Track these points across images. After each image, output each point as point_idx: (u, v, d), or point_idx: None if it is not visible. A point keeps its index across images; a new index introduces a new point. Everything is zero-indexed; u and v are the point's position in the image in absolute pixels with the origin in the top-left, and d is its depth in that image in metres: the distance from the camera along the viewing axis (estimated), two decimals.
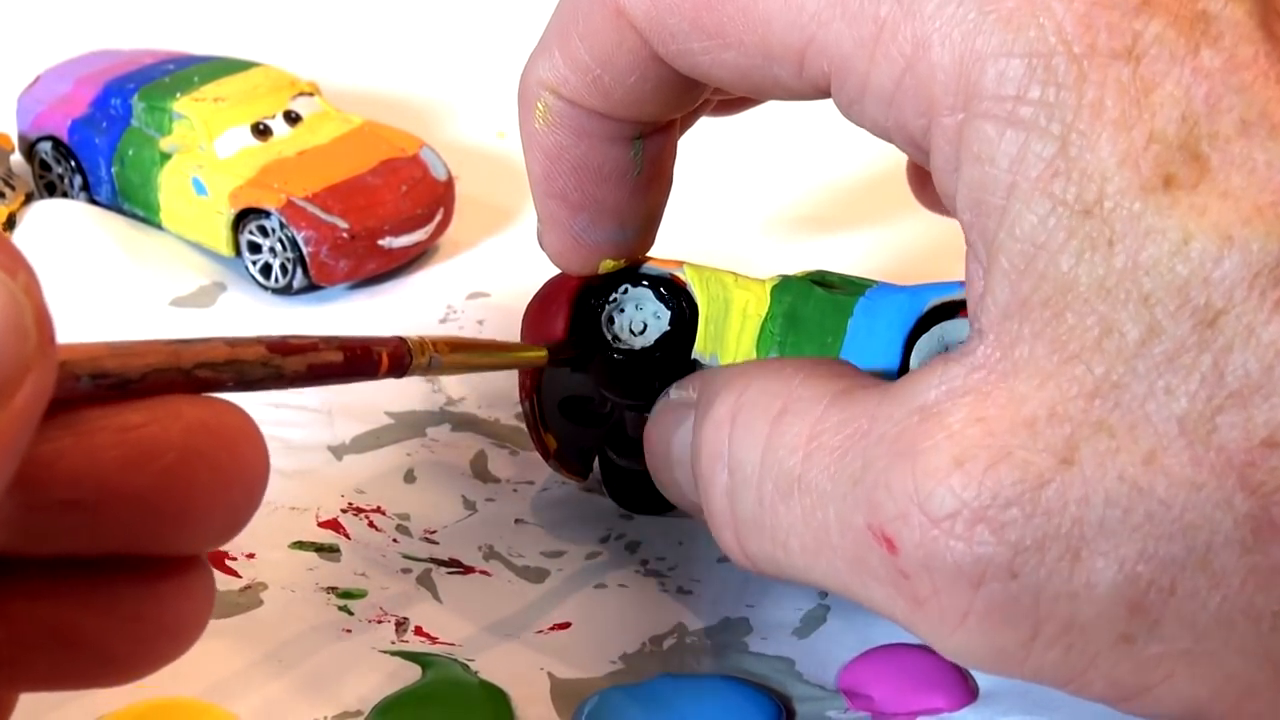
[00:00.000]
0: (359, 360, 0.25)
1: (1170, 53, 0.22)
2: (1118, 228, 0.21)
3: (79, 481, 0.20)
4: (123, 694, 0.30)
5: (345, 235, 0.43)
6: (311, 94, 0.48)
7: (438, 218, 0.46)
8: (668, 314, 0.33)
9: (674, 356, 0.32)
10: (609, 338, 0.33)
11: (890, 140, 0.25)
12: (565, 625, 0.33)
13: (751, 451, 0.26)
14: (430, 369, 0.27)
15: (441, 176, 0.46)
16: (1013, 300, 0.22)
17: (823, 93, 0.25)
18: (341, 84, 0.53)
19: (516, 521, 0.36)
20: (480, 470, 0.38)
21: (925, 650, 0.31)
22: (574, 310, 0.33)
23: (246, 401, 0.42)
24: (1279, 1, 0.22)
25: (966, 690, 0.30)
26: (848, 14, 0.24)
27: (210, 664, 0.31)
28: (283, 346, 0.23)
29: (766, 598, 0.33)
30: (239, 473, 0.22)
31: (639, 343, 0.33)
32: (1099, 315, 0.22)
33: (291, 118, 0.47)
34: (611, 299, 0.33)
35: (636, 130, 0.30)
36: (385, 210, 0.44)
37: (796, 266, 0.34)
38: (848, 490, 0.24)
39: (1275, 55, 0.22)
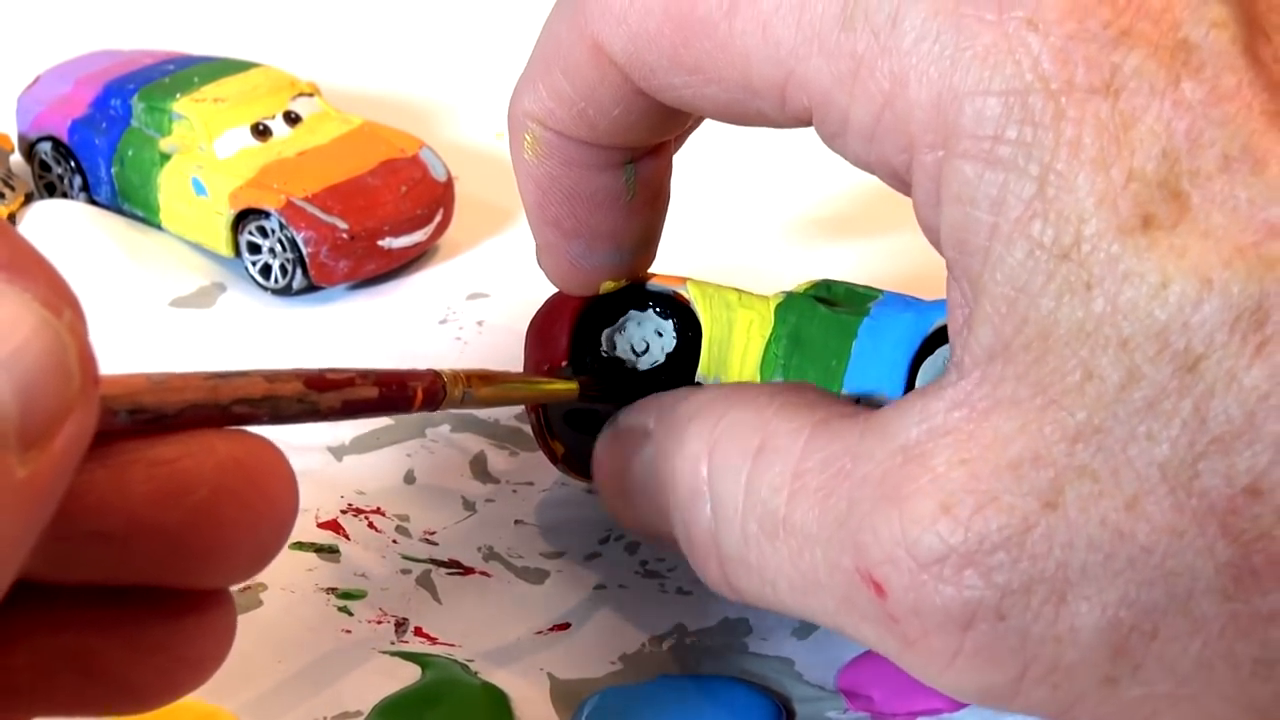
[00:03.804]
0: (394, 396, 0.25)
1: (1150, 85, 0.21)
2: (1095, 271, 0.21)
3: (109, 514, 0.20)
4: None
5: (345, 236, 0.43)
6: (311, 94, 0.48)
7: (437, 218, 0.46)
8: (671, 331, 0.33)
9: (679, 377, 0.32)
10: (611, 356, 0.33)
11: (874, 173, 0.25)
12: (565, 626, 0.33)
13: (733, 489, 0.25)
14: (464, 403, 0.27)
15: (441, 177, 0.46)
16: (996, 341, 0.22)
17: (806, 124, 0.25)
18: (341, 84, 0.53)
19: (516, 522, 0.36)
20: (480, 471, 0.38)
21: None
22: (576, 330, 0.33)
23: None
24: (1266, 21, 0.22)
25: None
26: (825, 50, 0.23)
27: None
28: (320, 382, 0.23)
29: None
30: (269, 510, 0.22)
31: (643, 362, 0.33)
32: (1079, 359, 0.21)
33: (291, 118, 0.47)
34: (615, 323, 0.33)
35: (627, 155, 0.30)
36: (385, 211, 0.44)
37: (802, 272, 0.34)
38: (834, 532, 0.24)
39: (1260, 84, 0.21)
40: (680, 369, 0.32)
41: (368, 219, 0.44)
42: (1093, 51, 0.21)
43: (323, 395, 0.23)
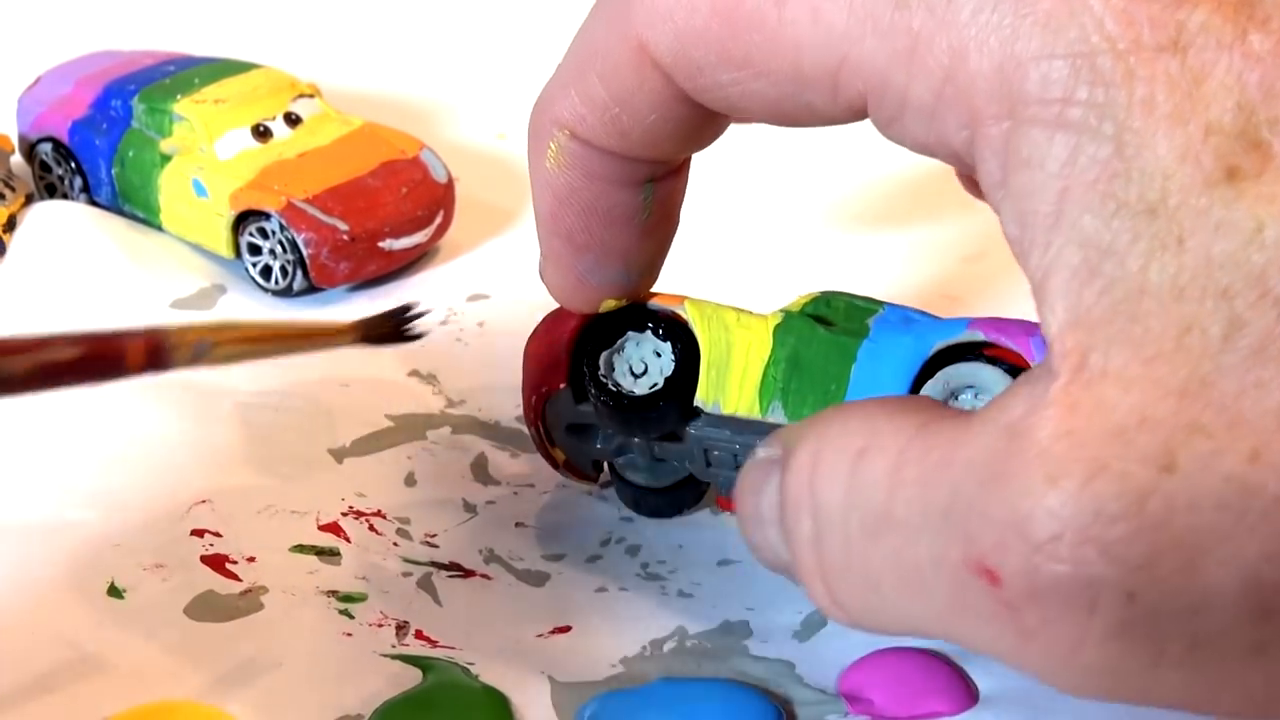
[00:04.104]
0: (101, 357, 0.23)
1: (1217, 40, 0.21)
2: (1186, 224, 0.21)
3: None
4: (125, 696, 0.30)
5: (345, 237, 0.43)
6: (312, 96, 0.48)
7: (438, 220, 0.46)
8: (670, 353, 0.32)
9: (678, 401, 0.32)
10: (609, 381, 0.33)
11: (933, 155, 0.25)
12: (566, 629, 0.33)
13: (834, 493, 0.24)
14: (203, 359, 0.25)
15: (442, 178, 0.46)
16: (1079, 307, 0.22)
17: (858, 114, 0.25)
18: (342, 85, 0.53)
19: (517, 525, 0.36)
20: (481, 473, 0.38)
21: (926, 654, 0.31)
22: (575, 349, 0.33)
23: (248, 402, 0.42)
24: None
25: (967, 694, 0.30)
26: (879, 29, 0.23)
27: (211, 667, 0.31)
28: (4, 345, 0.21)
29: (767, 601, 0.33)
30: None
31: (641, 384, 0.33)
32: (1177, 314, 0.21)
33: (292, 119, 0.47)
34: (613, 345, 0.33)
35: (649, 174, 0.30)
36: (385, 212, 0.44)
37: (802, 281, 0.34)
38: (939, 523, 0.23)
39: None
40: (679, 392, 0.32)
41: (368, 220, 0.44)
42: (1156, 11, 0.21)
43: (8, 359, 0.21)
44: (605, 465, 0.35)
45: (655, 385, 0.32)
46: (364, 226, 0.44)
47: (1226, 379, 0.21)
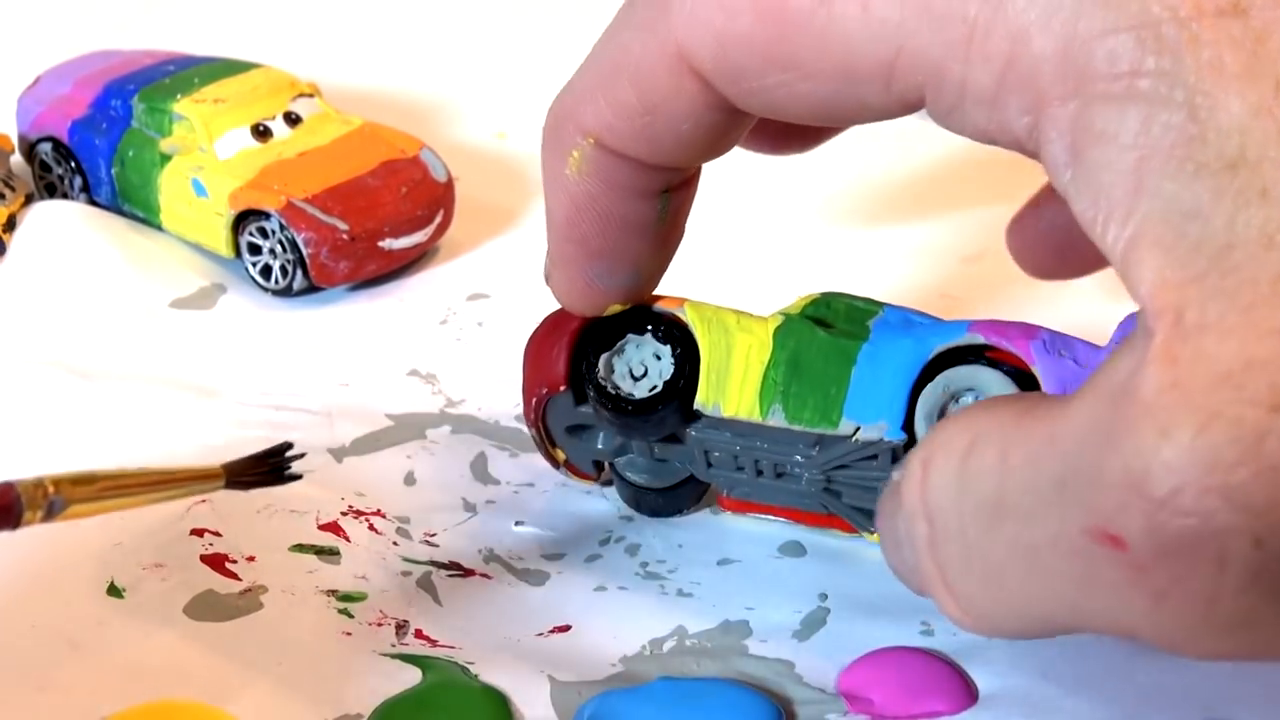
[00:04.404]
0: None
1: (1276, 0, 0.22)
2: (1268, 175, 0.21)
3: None
4: (124, 696, 0.30)
5: (345, 237, 0.43)
6: (311, 95, 0.48)
7: (438, 219, 0.46)
8: (669, 356, 0.32)
9: (678, 404, 0.32)
10: (609, 384, 0.33)
11: (994, 143, 0.25)
12: (565, 628, 0.33)
13: (946, 492, 0.24)
14: (56, 515, 0.25)
15: (442, 178, 0.46)
16: (1167, 269, 0.22)
17: (912, 107, 0.25)
18: (341, 85, 0.53)
19: (516, 524, 0.36)
20: (480, 472, 0.38)
21: (926, 653, 0.31)
22: (575, 352, 0.33)
23: (250, 404, 0.42)
24: None
25: (967, 694, 0.30)
26: (934, 20, 0.23)
27: (211, 666, 0.31)
28: None
29: (766, 600, 0.33)
30: None
31: (640, 387, 0.33)
32: (1269, 262, 0.21)
33: (291, 119, 0.47)
34: (614, 347, 0.33)
35: (667, 183, 0.30)
36: (385, 212, 0.44)
37: (803, 281, 0.34)
38: (1054, 499, 0.22)
39: None
40: (679, 396, 0.32)
41: (368, 220, 0.44)
42: None
43: None
44: (606, 464, 0.35)
45: (655, 388, 0.32)
46: (364, 226, 0.44)
47: None
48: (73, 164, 0.47)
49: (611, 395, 0.32)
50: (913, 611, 0.33)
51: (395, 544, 0.35)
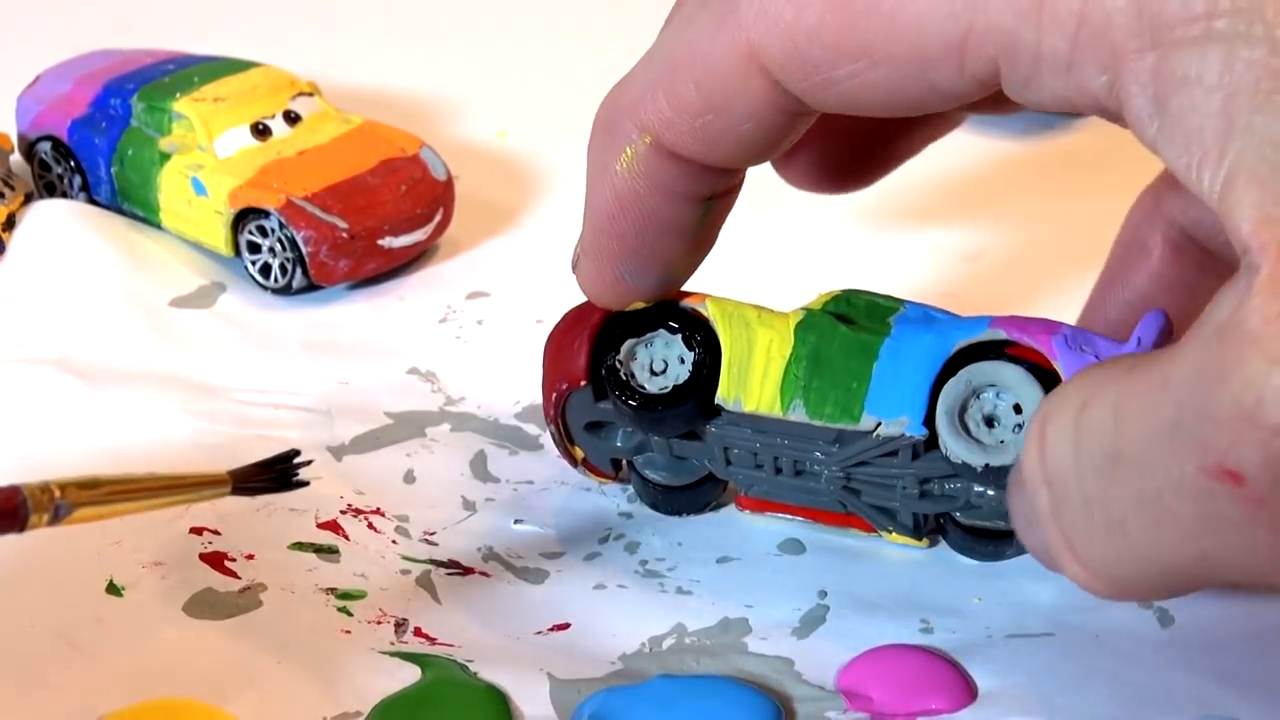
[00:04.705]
0: None
1: None
2: None
3: None
4: (123, 694, 0.30)
5: (345, 235, 0.43)
6: (311, 94, 0.48)
7: (437, 217, 0.46)
8: (690, 351, 0.32)
9: (699, 399, 0.32)
10: (630, 378, 0.33)
11: (1074, 109, 0.25)
12: (564, 626, 0.33)
13: (1063, 453, 0.24)
14: (56, 520, 0.25)
15: (441, 176, 0.46)
16: (1267, 203, 0.22)
17: (984, 86, 0.25)
18: (341, 84, 0.53)
19: (516, 522, 0.36)
20: (480, 470, 0.38)
21: (925, 651, 0.31)
22: (595, 346, 0.33)
23: (250, 403, 0.42)
24: None
25: (966, 691, 0.30)
26: None
27: (210, 665, 0.31)
28: None
29: (766, 598, 0.33)
30: None
31: (659, 383, 0.33)
32: None
33: (291, 118, 0.47)
34: (638, 339, 0.33)
35: (713, 189, 0.30)
36: (385, 210, 0.44)
37: (806, 281, 0.34)
38: (1169, 442, 0.22)
39: None
40: (699, 391, 0.32)
41: (367, 218, 0.44)
42: None
43: None
44: (625, 463, 0.35)
45: (674, 382, 0.32)
46: (363, 224, 0.44)
47: None
48: (72, 163, 0.47)
49: (632, 390, 0.32)
50: (912, 609, 0.33)
51: (394, 542, 0.35)
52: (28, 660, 0.31)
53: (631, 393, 0.32)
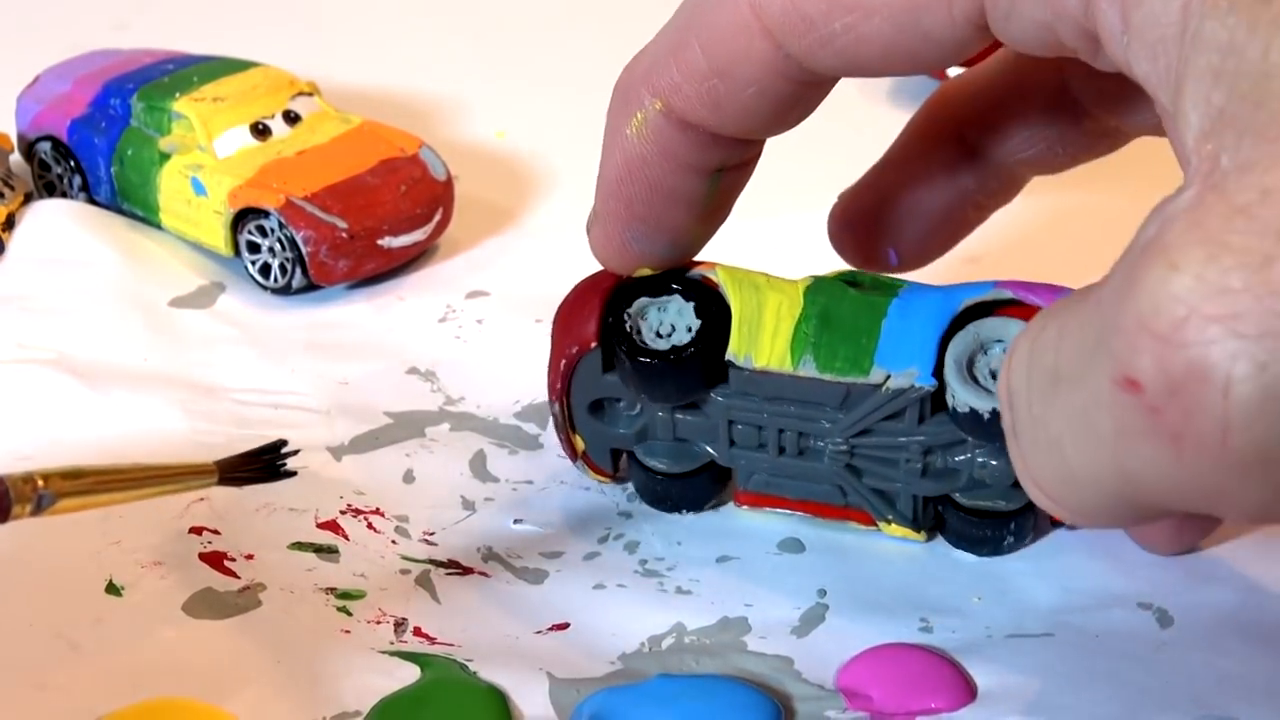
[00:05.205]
0: None
1: None
2: None
3: None
4: (123, 694, 0.30)
5: (344, 235, 0.43)
6: (311, 94, 0.48)
7: (437, 217, 0.46)
8: (699, 316, 0.33)
9: (708, 360, 0.32)
10: (639, 340, 0.33)
11: (1055, 37, 0.25)
12: (564, 625, 0.33)
13: (1020, 373, 0.24)
14: (46, 509, 0.25)
15: (441, 176, 0.46)
16: (1209, 112, 0.21)
17: (976, 27, 0.26)
18: (341, 84, 0.53)
19: (515, 522, 0.36)
20: (479, 470, 0.38)
21: (924, 650, 0.31)
22: (606, 311, 0.33)
23: (249, 403, 0.42)
24: None
25: (966, 691, 0.30)
26: None
27: (209, 664, 0.31)
28: None
29: (765, 597, 0.33)
30: None
31: (666, 344, 0.33)
32: None
33: (291, 117, 0.47)
34: (644, 304, 0.33)
35: (721, 163, 0.30)
36: (384, 210, 0.44)
37: (824, 267, 0.34)
38: (1091, 357, 0.22)
39: None
40: (708, 351, 0.32)
41: (367, 218, 0.44)
42: None
43: None
44: (624, 457, 0.35)
45: (683, 343, 0.33)
46: (363, 224, 0.44)
47: None
48: (72, 163, 0.47)
49: (642, 348, 0.33)
50: (912, 608, 0.33)
51: (394, 542, 0.35)
52: (27, 660, 0.31)
53: (642, 350, 0.33)
